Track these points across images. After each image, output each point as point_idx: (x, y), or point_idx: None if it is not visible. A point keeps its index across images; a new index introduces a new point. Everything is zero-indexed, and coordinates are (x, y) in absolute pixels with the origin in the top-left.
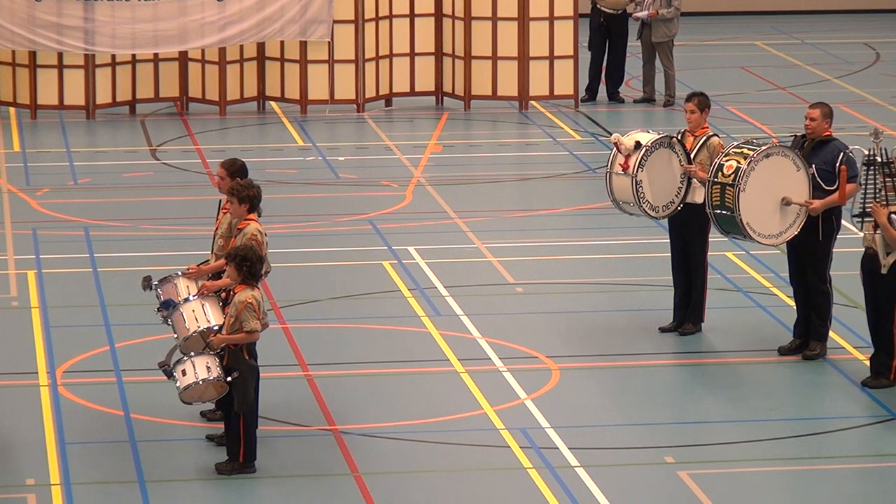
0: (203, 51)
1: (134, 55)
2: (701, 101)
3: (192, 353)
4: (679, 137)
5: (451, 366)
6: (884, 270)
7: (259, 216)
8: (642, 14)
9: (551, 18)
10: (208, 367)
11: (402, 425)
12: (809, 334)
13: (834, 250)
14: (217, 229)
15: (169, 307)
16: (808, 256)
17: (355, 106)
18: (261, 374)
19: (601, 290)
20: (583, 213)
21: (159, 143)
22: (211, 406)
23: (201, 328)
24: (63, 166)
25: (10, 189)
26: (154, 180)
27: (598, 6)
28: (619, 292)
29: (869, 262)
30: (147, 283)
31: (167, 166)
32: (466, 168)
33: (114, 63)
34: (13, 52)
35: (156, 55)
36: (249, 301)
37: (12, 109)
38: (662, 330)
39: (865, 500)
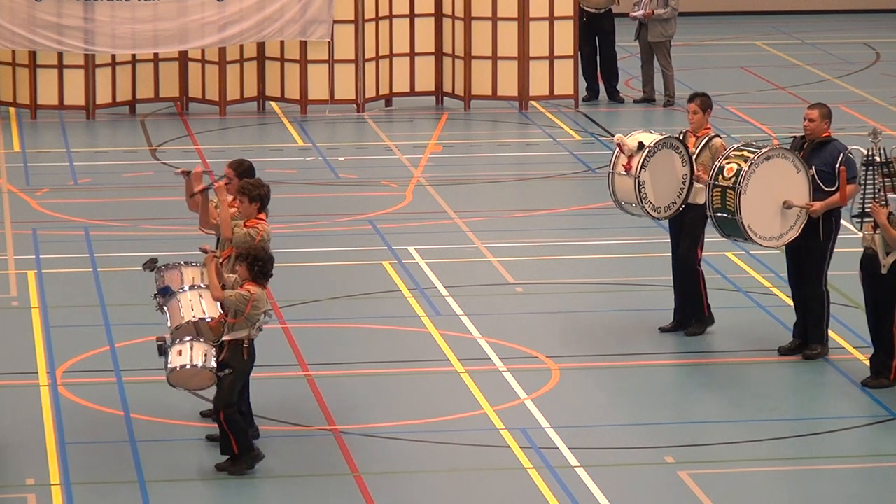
0: (203, 51)
1: (134, 55)
2: (704, 102)
3: (191, 337)
4: (681, 138)
5: (451, 366)
6: (884, 270)
7: (266, 217)
8: (638, 14)
9: (551, 18)
10: (205, 355)
11: (402, 425)
12: (807, 334)
13: (834, 250)
14: None
15: (166, 294)
16: (807, 257)
17: (355, 106)
18: (261, 375)
19: (601, 290)
20: (583, 213)
21: (159, 143)
22: (210, 406)
23: (196, 318)
24: (63, 166)
25: (10, 189)
26: (154, 180)
27: (582, 5)
28: (618, 292)
29: (868, 262)
30: (151, 265)
31: (167, 166)
32: (466, 168)
33: (114, 63)
34: (13, 52)
35: (156, 55)
36: (251, 292)
37: (12, 109)
38: (663, 330)
39: (865, 500)
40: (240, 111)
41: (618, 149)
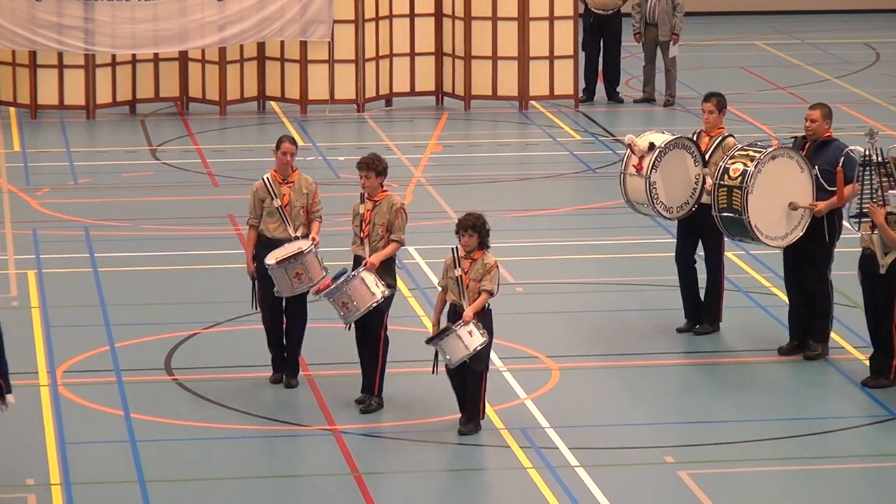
0: (203, 51)
1: (134, 55)
2: (719, 102)
3: (473, 321)
4: (694, 138)
5: None
6: (882, 270)
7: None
8: (675, 49)
9: (551, 18)
10: (481, 331)
11: (402, 425)
12: (806, 334)
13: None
14: (287, 204)
15: (340, 277)
16: (810, 257)
17: (355, 106)
18: (261, 374)
19: (602, 290)
20: (583, 213)
21: (159, 143)
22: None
23: (384, 295)
24: (63, 166)
25: (10, 189)
26: (154, 180)
27: (589, 7)
28: (619, 292)
29: (867, 262)
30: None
31: (167, 166)
32: (466, 168)
33: (114, 63)
34: (13, 52)
35: (156, 55)
36: (496, 264)
37: (12, 109)
38: (679, 331)
39: (865, 500)
40: (240, 111)
41: (628, 149)
